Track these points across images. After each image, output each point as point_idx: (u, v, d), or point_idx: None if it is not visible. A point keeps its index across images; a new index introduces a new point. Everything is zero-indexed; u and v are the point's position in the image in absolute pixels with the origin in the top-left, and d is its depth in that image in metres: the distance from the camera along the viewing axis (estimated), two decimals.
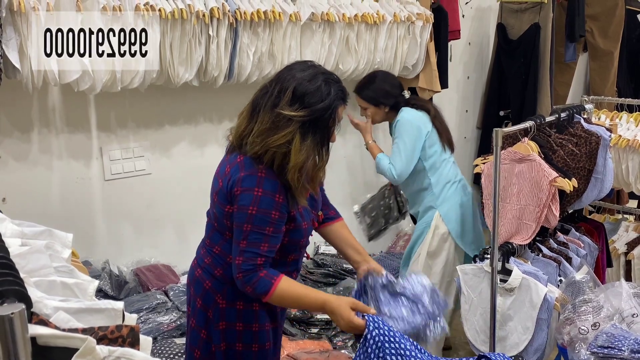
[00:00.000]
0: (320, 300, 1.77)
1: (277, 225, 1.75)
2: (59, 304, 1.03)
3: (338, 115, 1.78)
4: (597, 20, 4.88)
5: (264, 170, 1.74)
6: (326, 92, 1.73)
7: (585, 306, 2.62)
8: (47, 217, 3.04)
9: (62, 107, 3.15)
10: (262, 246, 1.73)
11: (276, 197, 1.73)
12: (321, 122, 1.72)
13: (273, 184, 1.73)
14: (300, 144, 1.69)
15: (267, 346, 1.94)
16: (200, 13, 2.99)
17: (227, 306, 1.89)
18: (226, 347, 1.91)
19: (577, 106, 3.40)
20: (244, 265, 1.74)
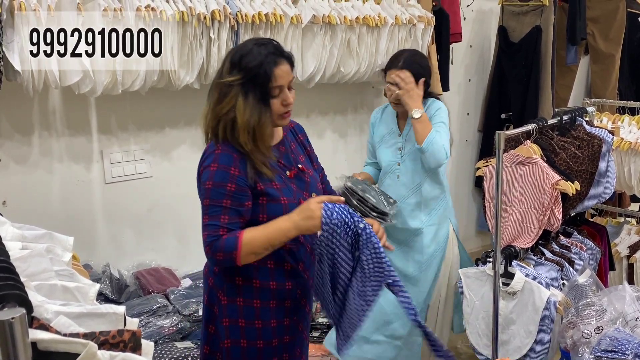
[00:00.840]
0: (288, 221, 1.77)
1: (235, 198, 1.77)
2: (60, 309, 1.02)
3: (276, 74, 1.80)
4: (598, 23, 4.88)
5: (220, 147, 1.81)
6: (257, 52, 1.80)
7: (589, 310, 2.60)
8: (47, 220, 3.03)
9: (63, 110, 3.14)
10: (222, 218, 1.76)
11: (231, 170, 1.78)
12: (258, 78, 1.78)
13: (229, 157, 1.79)
14: (243, 105, 1.78)
15: (274, 343, 1.92)
16: (202, 15, 2.98)
17: (228, 303, 1.90)
18: (231, 343, 1.91)
19: (580, 109, 3.39)
20: (208, 238, 1.76)
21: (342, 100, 4.17)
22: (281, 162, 1.91)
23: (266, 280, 1.89)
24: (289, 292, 1.93)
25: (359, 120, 4.28)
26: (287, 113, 1.88)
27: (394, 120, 2.97)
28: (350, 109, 4.22)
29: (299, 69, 3.41)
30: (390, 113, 2.98)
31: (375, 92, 4.31)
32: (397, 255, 2.93)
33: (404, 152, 2.90)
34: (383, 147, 2.97)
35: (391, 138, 2.95)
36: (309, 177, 1.97)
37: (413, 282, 2.96)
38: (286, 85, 1.84)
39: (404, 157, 2.90)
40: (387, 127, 2.97)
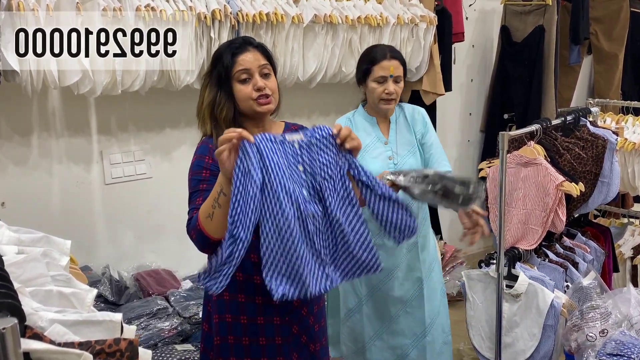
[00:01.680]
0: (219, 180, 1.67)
1: (210, 182, 1.76)
2: (54, 316, 0.99)
3: (239, 60, 1.85)
4: (601, 22, 4.85)
5: (203, 140, 1.90)
6: (225, 44, 1.94)
7: (593, 312, 2.58)
8: (46, 221, 3.01)
9: (62, 111, 3.12)
10: (197, 201, 1.80)
11: (205, 159, 1.84)
12: (217, 65, 1.88)
13: (204, 147, 1.86)
14: (207, 91, 1.89)
15: (261, 342, 1.89)
16: (202, 15, 2.96)
17: (217, 298, 1.92)
18: (220, 340, 1.92)
19: (583, 109, 3.36)
20: (188, 222, 1.79)
21: (344, 100, 4.13)
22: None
23: (249, 273, 1.85)
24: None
25: None
26: (263, 98, 1.85)
27: (373, 127, 2.65)
28: (351, 109, 4.18)
29: (301, 69, 3.39)
30: (364, 119, 2.67)
31: None
32: (396, 278, 2.69)
33: (397, 162, 2.61)
34: (368, 158, 2.59)
35: (376, 147, 2.62)
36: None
37: (416, 304, 2.72)
38: (257, 72, 1.86)
39: (399, 168, 2.56)
40: (368, 136, 2.62)
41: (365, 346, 2.75)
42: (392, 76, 2.53)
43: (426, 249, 2.73)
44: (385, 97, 2.54)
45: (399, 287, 2.69)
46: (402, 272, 2.69)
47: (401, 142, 2.64)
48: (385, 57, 2.54)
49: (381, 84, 2.54)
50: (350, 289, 2.74)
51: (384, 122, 2.67)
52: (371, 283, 2.70)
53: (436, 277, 2.78)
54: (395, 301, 2.71)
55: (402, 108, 2.70)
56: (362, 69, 2.60)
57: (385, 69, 2.53)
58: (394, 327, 2.73)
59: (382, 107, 2.58)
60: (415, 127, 2.66)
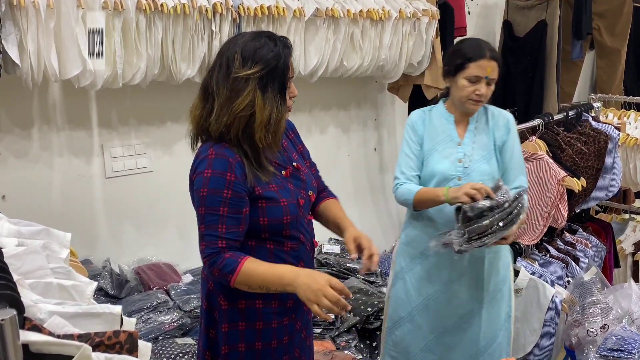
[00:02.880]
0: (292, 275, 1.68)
1: (232, 205, 1.69)
2: (54, 308, 0.99)
3: (291, 64, 1.76)
4: (604, 17, 4.83)
5: (214, 151, 1.71)
6: (272, 43, 1.73)
7: (594, 308, 2.58)
8: (47, 214, 3.01)
9: (63, 104, 3.11)
10: (220, 228, 1.69)
11: (227, 176, 1.69)
12: (276, 71, 1.72)
13: (223, 162, 1.70)
14: (262, 100, 1.69)
15: (273, 344, 1.87)
16: (203, 8, 2.95)
17: (229, 307, 1.84)
18: (229, 349, 1.86)
19: (585, 104, 3.36)
20: (207, 250, 1.70)
21: (345, 95, 4.13)
22: (276, 161, 1.84)
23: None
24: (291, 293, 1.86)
25: (362, 115, 4.24)
26: (291, 106, 1.83)
27: (449, 126, 2.45)
28: (353, 103, 4.19)
29: (302, 63, 3.38)
30: (441, 116, 2.48)
31: (379, 87, 4.27)
32: (455, 291, 2.50)
33: (467, 165, 2.40)
34: (436, 155, 2.42)
35: (448, 147, 2.43)
36: (304, 174, 1.91)
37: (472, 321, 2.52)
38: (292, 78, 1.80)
39: (469, 173, 2.39)
40: (442, 133, 2.44)
41: (414, 358, 2.58)
42: (488, 78, 2.33)
43: (495, 268, 2.48)
44: (474, 97, 2.34)
45: (456, 299, 2.49)
46: (461, 285, 2.47)
47: (476, 145, 2.42)
48: (484, 56, 2.32)
49: (473, 83, 2.33)
50: (403, 296, 2.55)
51: (463, 121, 2.46)
52: (427, 292, 2.51)
53: (503, 300, 2.52)
54: (450, 313, 2.50)
55: (486, 110, 2.48)
56: (455, 62, 2.37)
57: (483, 68, 2.32)
58: (446, 340, 2.53)
59: (468, 107, 2.39)
60: (495, 132, 2.44)
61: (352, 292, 3.20)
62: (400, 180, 2.44)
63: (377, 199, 4.40)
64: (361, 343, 3.05)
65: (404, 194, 2.39)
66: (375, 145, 4.35)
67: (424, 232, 2.47)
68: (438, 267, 2.47)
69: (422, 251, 2.48)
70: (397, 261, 2.60)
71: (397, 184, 2.44)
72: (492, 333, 2.51)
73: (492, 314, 2.50)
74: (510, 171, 2.42)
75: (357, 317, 3.07)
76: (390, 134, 4.42)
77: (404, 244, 2.57)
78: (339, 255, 3.71)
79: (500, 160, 2.43)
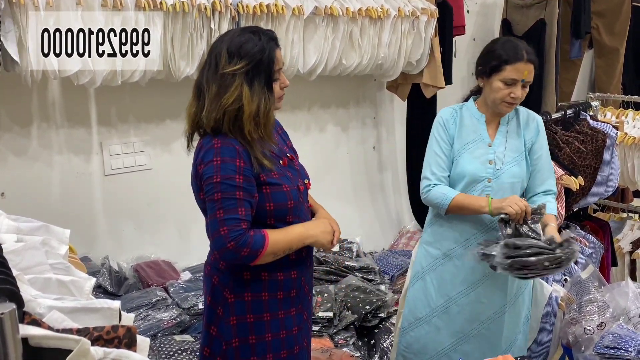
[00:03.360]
0: (307, 229, 1.89)
1: (245, 189, 1.76)
2: (53, 303, 1.00)
3: (277, 58, 1.83)
4: (603, 16, 4.84)
5: (219, 141, 1.78)
6: (257, 38, 1.81)
7: (591, 306, 2.59)
8: (46, 212, 3.01)
9: (62, 101, 3.12)
10: (240, 211, 1.75)
11: (237, 162, 1.76)
12: (261, 65, 1.79)
13: (231, 150, 1.77)
14: (250, 93, 1.77)
15: (282, 335, 1.91)
16: (202, 6, 2.95)
17: (235, 300, 1.88)
18: (239, 342, 1.89)
19: (583, 103, 3.37)
20: (232, 233, 1.73)
21: (344, 93, 4.14)
22: (273, 152, 1.90)
23: (274, 271, 1.88)
24: (294, 282, 1.93)
25: (361, 113, 4.25)
26: (283, 95, 1.91)
27: (480, 126, 2.40)
28: (352, 102, 4.19)
29: (301, 61, 3.38)
30: (472, 115, 2.43)
31: (378, 85, 4.28)
32: (478, 294, 2.45)
33: (498, 167, 2.35)
34: (467, 155, 2.37)
35: (478, 147, 2.38)
36: (297, 165, 2.01)
37: (494, 328, 2.48)
38: (281, 68, 1.87)
39: (499, 175, 2.35)
40: (473, 133, 2.39)
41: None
42: (524, 81, 2.28)
43: None
44: (509, 100, 2.30)
45: (479, 304, 2.44)
46: (484, 288, 2.42)
47: (507, 147, 2.38)
48: (522, 59, 2.27)
49: (509, 86, 2.28)
50: (422, 297, 2.51)
51: (494, 122, 2.41)
52: (448, 295, 2.46)
53: (523, 304, 2.52)
54: (471, 318, 2.45)
55: (517, 111, 2.45)
56: (491, 63, 2.32)
57: (520, 72, 2.27)
58: (465, 347, 2.47)
59: (502, 109, 2.35)
60: (526, 134, 2.41)
61: (351, 290, 3.22)
62: (431, 182, 2.37)
63: (375, 197, 4.41)
64: (359, 340, 3.06)
65: (438, 198, 2.33)
66: (374, 144, 4.36)
67: (450, 234, 2.42)
68: (462, 270, 2.41)
69: (445, 252, 2.44)
70: (417, 261, 2.54)
71: (429, 185, 2.37)
72: (512, 337, 2.50)
73: (512, 318, 2.48)
74: (538, 174, 2.41)
75: (355, 314, 3.08)
76: (389, 133, 4.43)
77: (426, 243, 2.52)
78: (338, 253, 3.72)
79: (530, 161, 2.41)
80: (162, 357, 2.64)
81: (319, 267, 3.55)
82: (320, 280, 3.44)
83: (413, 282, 2.55)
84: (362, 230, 4.16)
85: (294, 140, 2.11)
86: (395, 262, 3.79)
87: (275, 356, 1.90)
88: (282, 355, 1.91)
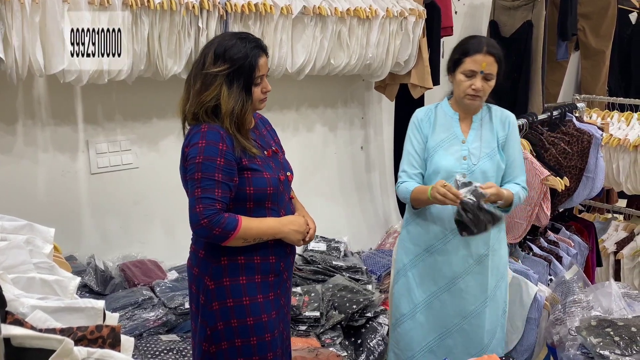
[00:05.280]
0: (279, 224, 1.98)
1: (225, 172, 1.88)
2: (36, 303, 0.99)
3: (260, 65, 1.96)
4: (589, 19, 4.88)
5: (206, 126, 1.92)
6: (242, 45, 1.95)
7: (575, 306, 2.61)
8: (31, 211, 2.98)
9: (48, 99, 3.09)
10: (217, 192, 1.86)
11: (219, 145, 1.88)
12: (242, 69, 1.93)
13: (215, 134, 1.90)
14: (228, 94, 1.91)
15: (264, 318, 1.99)
16: (190, 4, 2.94)
17: (215, 286, 1.97)
18: (223, 325, 1.97)
19: (569, 105, 3.39)
20: (207, 212, 1.85)
21: (333, 93, 4.14)
22: (259, 143, 2.04)
23: (251, 255, 1.98)
24: (272, 266, 2.02)
25: (349, 113, 4.25)
26: (265, 98, 2.04)
27: (454, 123, 2.48)
28: (340, 102, 4.20)
29: (289, 61, 3.38)
30: (445, 114, 2.51)
31: (366, 86, 4.28)
32: (459, 289, 2.49)
33: (472, 163, 2.43)
34: (442, 152, 2.45)
35: (452, 144, 2.46)
36: (282, 158, 2.12)
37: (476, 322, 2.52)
38: (265, 75, 2.00)
39: (473, 170, 2.42)
40: (446, 131, 2.47)
41: (414, 356, 2.57)
42: (483, 72, 2.34)
43: (496, 264, 2.51)
44: (470, 92, 2.37)
45: (461, 299, 2.49)
46: (466, 283, 2.47)
47: (480, 143, 2.45)
48: (480, 51, 2.35)
49: (469, 78, 2.36)
50: (405, 293, 2.55)
51: (467, 119, 2.49)
52: (430, 290, 2.51)
53: (501, 296, 2.56)
54: (454, 313, 2.50)
55: (489, 109, 2.52)
56: (453, 58, 2.43)
57: (478, 63, 2.34)
58: (448, 342, 2.52)
59: (465, 103, 2.42)
60: (499, 131, 2.48)
61: (338, 290, 3.22)
62: (402, 179, 2.49)
63: (363, 197, 4.42)
64: (346, 340, 3.06)
65: (403, 193, 2.47)
66: (362, 144, 4.37)
67: (427, 229, 2.48)
68: (443, 265, 2.46)
69: (426, 248, 2.49)
70: (399, 258, 2.59)
71: (399, 182, 2.50)
72: (493, 330, 2.55)
73: (493, 311, 2.53)
74: (509, 169, 2.47)
75: (342, 314, 3.09)
76: (377, 133, 4.44)
77: (405, 240, 2.57)
78: (325, 252, 3.72)
79: (502, 158, 2.47)
80: (148, 356, 2.63)
81: (306, 266, 3.55)
82: (307, 280, 3.44)
83: (397, 279, 2.60)
84: (349, 230, 4.16)
85: (282, 139, 2.16)
86: (382, 262, 3.80)
87: (259, 339, 1.99)
88: (266, 339, 2.00)
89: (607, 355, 2.15)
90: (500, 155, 2.46)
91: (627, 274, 3.74)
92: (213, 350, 2.00)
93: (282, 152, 2.19)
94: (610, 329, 2.28)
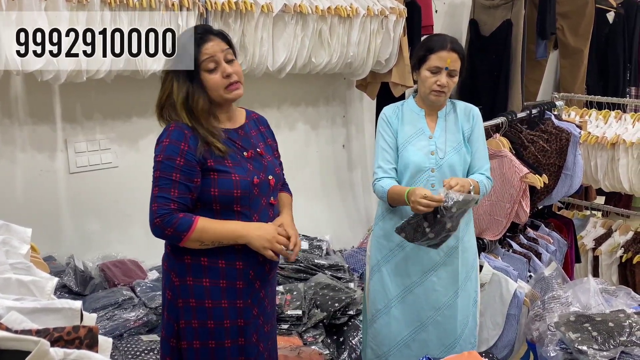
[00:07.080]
0: (243, 229, 1.89)
1: (184, 172, 1.84)
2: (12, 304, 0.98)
3: (205, 49, 1.90)
4: (567, 18, 4.93)
5: (173, 125, 1.90)
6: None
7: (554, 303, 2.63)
8: (9, 210, 2.95)
9: (26, 97, 3.05)
10: (172, 192, 1.84)
11: (181, 145, 1.85)
12: (182, 58, 1.91)
13: (179, 133, 1.87)
14: (177, 85, 1.90)
15: (226, 324, 1.93)
16: (169, 2, 2.92)
17: (180, 283, 1.94)
18: (185, 324, 1.94)
19: (548, 103, 3.43)
20: (160, 211, 1.84)
21: (314, 91, 4.14)
22: (239, 143, 1.98)
23: (215, 258, 1.91)
24: (240, 273, 1.94)
25: (331, 112, 4.26)
26: (233, 85, 1.93)
27: (419, 119, 2.53)
28: (322, 100, 4.20)
29: (270, 59, 3.37)
30: (411, 111, 2.55)
31: (347, 84, 4.29)
32: (431, 282, 2.53)
33: (439, 157, 2.48)
34: (410, 147, 2.49)
35: (420, 140, 2.50)
36: (266, 161, 2.03)
37: (449, 313, 2.56)
38: (222, 59, 1.92)
39: (441, 164, 2.47)
40: (413, 127, 2.51)
41: (390, 351, 2.59)
42: (448, 69, 2.40)
43: (466, 256, 2.57)
44: (436, 88, 2.42)
45: (433, 291, 2.53)
46: (437, 276, 2.52)
47: (447, 138, 2.50)
48: (444, 48, 2.41)
49: (434, 74, 2.41)
50: (380, 288, 2.58)
51: (432, 115, 2.54)
52: (403, 284, 2.54)
53: (471, 286, 2.61)
54: (427, 306, 2.54)
55: (454, 105, 2.58)
56: (418, 55, 2.47)
57: (443, 59, 2.40)
58: (422, 336, 2.56)
59: (431, 99, 2.46)
60: (464, 125, 2.54)
61: (320, 288, 3.23)
62: (378, 176, 2.50)
63: (345, 195, 4.43)
64: (328, 338, 3.07)
65: (379, 192, 2.47)
66: (343, 142, 4.38)
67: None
68: (415, 259, 2.50)
69: (398, 243, 2.51)
70: (372, 254, 2.61)
71: (375, 179, 2.50)
72: (465, 320, 2.59)
73: (464, 301, 2.58)
74: (475, 161, 2.53)
75: (324, 312, 3.09)
76: (359, 131, 4.45)
77: (378, 237, 2.60)
78: (307, 251, 3.72)
79: (469, 150, 2.53)
80: (129, 357, 2.61)
81: (288, 265, 3.55)
82: (289, 279, 3.44)
83: (371, 276, 2.62)
84: (331, 228, 4.17)
85: None
86: (364, 260, 3.80)
87: (217, 344, 1.94)
88: (225, 345, 1.95)
89: (585, 350, 2.17)
90: (466, 148, 2.52)
91: (605, 270, 3.79)
92: (173, 345, 1.98)
93: (275, 154, 2.11)
94: (588, 324, 2.31)
